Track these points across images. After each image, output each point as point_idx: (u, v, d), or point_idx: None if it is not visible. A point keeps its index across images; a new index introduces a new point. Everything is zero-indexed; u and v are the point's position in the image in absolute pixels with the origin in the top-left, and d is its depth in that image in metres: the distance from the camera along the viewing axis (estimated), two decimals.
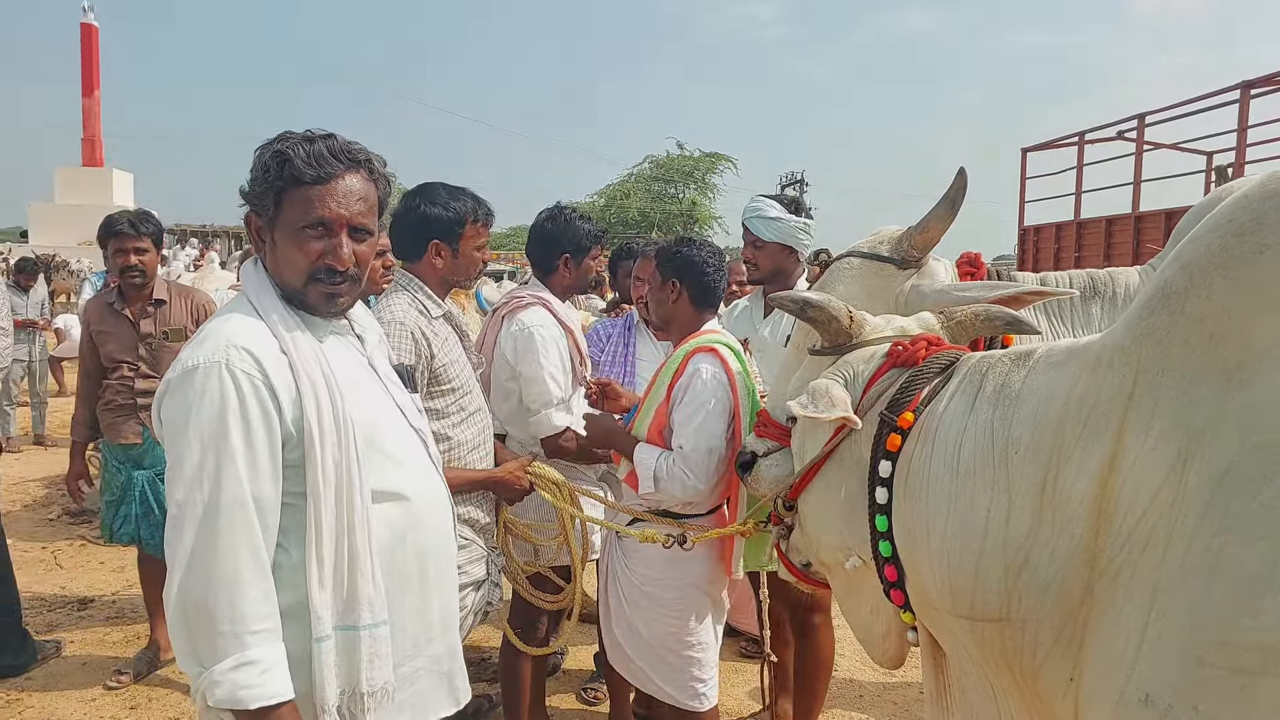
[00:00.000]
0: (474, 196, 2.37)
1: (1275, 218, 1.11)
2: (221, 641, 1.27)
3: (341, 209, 1.43)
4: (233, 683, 1.27)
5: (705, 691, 2.41)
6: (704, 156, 33.73)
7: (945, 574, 1.39)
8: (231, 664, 1.27)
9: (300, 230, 1.42)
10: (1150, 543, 1.15)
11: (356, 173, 1.46)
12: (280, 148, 1.41)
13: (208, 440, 1.30)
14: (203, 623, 1.28)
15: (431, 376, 2.21)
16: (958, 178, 1.97)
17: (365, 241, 1.49)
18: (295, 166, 1.40)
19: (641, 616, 2.41)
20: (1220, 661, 1.04)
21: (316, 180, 1.41)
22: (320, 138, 1.44)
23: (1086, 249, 9.51)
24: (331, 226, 1.43)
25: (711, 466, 2.23)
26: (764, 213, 2.88)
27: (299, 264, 1.43)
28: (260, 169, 1.42)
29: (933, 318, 1.72)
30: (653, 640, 2.40)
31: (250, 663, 1.28)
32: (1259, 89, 8.13)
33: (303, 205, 1.41)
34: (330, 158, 1.42)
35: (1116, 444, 1.21)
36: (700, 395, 2.24)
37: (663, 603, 2.37)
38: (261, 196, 1.43)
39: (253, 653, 1.28)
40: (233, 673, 1.27)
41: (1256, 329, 1.09)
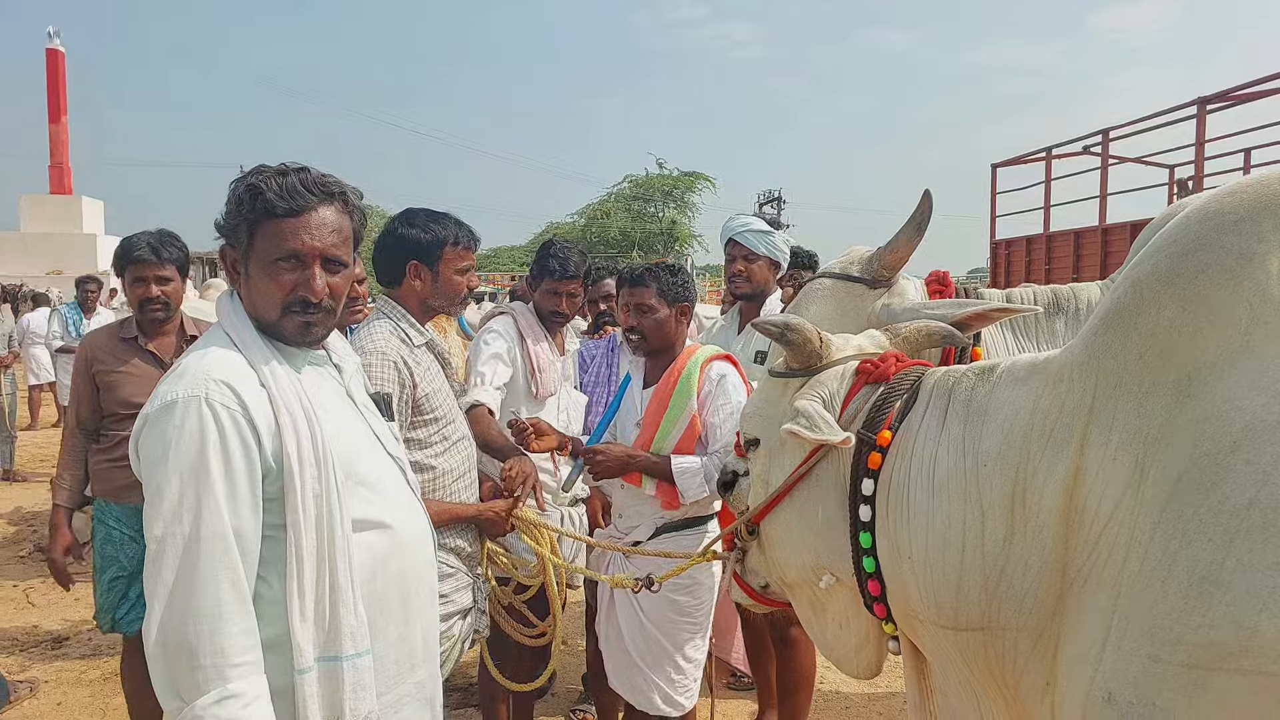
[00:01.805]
0: (456, 221, 2.36)
1: (1214, 238, 1.18)
2: (202, 675, 1.27)
3: (315, 241, 1.44)
4: (215, 717, 1.26)
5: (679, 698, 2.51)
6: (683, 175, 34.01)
7: (929, 586, 1.43)
8: (214, 698, 1.27)
9: (273, 263, 1.43)
10: (1113, 550, 1.20)
11: (330, 205, 1.47)
12: (253, 181, 1.42)
13: (187, 474, 1.30)
14: (183, 657, 1.27)
15: (414, 406, 2.19)
16: (923, 200, 2.05)
17: (339, 273, 1.50)
18: (268, 199, 1.41)
19: (639, 623, 2.47)
20: (1175, 659, 1.09)
21: (289, 213, 1.42)
22: (293, 170, 1.45)
23: (1056, 262, 9.71)
24: (304, 259, 1.44)
25: None
26: (756, 226, 2.96)
27: (273, 296, 1.44)
28: (234, 202, 1.44)
29: (881, 335, 1.78)
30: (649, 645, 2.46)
31: (232, 696, 1.27)
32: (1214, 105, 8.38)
33: (275, 238, 1.43)
34: (303, 190, 1.43)
35: (1079, 456, 1.26)
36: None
37: (684, 610, 2.47)
38: (235, 229, 1.45)
39: (234, 686, 1.28)
40: (215, 707, 1.26)
41: (1203, 343, 1.16)
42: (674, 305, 2.49)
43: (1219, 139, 8.69)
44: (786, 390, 1.74)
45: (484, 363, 2.77)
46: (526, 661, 2.90)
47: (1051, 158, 10.49)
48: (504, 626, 2.52)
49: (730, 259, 3.01)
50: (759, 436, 1.79)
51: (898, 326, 1.80)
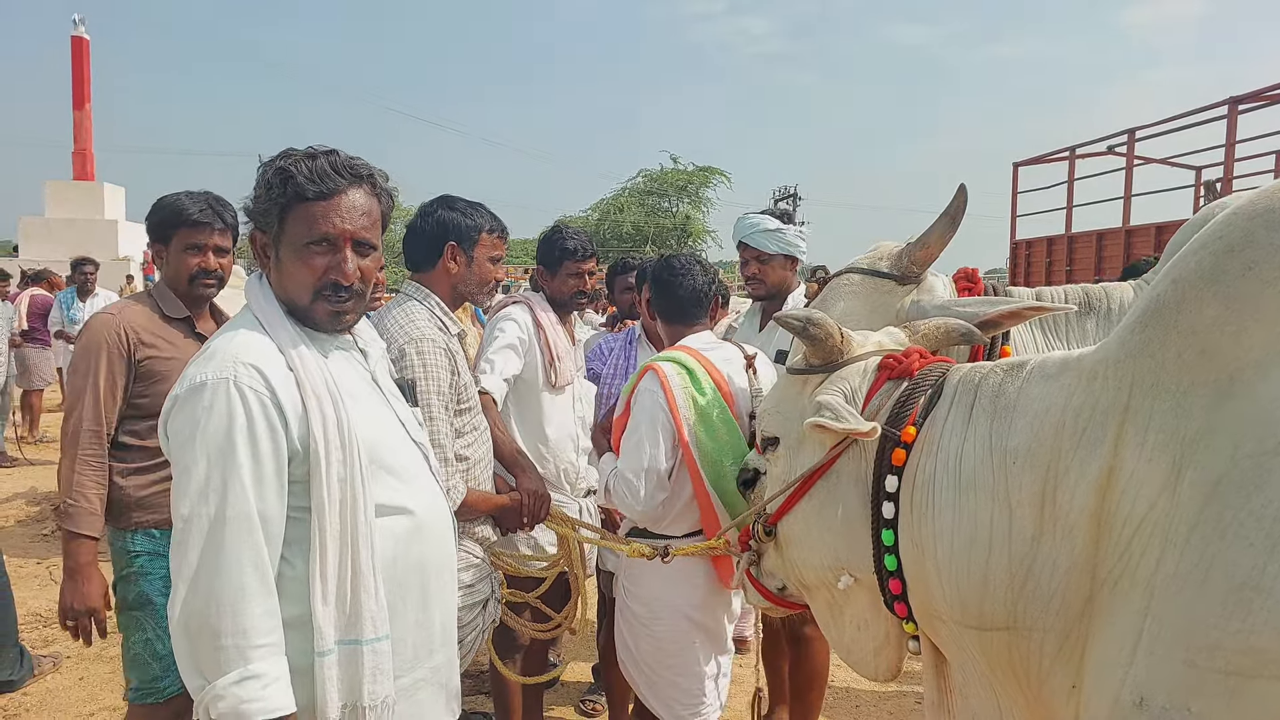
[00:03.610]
0: (491, 212, 2.40)
1: (1264, 235, 1.15)
2: (224, 655, 1.29)
3: (345, 224, 1.45)
4: (235, 696, 1.28)
5: (690, 717, 2.37)
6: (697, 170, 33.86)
7: (953, 585, 1.41)
8: (235, 678, 1.28)
9: (305, 246, 1.44)
10: (1146, 552, 1.18)
11: (359, 188, 1.47)
12: (283, 164, 1.43)
13: (214, 456, 1.32)
14: (206, 636, 1.29)
15: (456, 395, 2.20)
16: (958, 194, 2.00)
17: (369, 256, 1.50)
18: (298, 183, 1.41)
19: (629, 630, 2.43)
20: (1212, 664, 1.07)
21: (320, 196, 1.42)
22: (323, 153, 1.45)
23: (1078, 263, 9.59)
24: (336, 242, 1.44)
25: (647, 486, 2.21)
26: (765, 225, 2.89)
27: (304, 280, 1.45)
28: (263, 186, 1.44)
29: (900, 332, 1.75)
30: (638, 655, 2.42)
31: (253, 676, 1.29)
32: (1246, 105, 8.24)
33: (307, 221, 1.43)
34: (333, 173, 1.44)
35: (1113, 456, 1.24)
36: (636, 415, 2.27)
37: (641, 619, 2.39)
38: (265, 213, 1.45)
39: (255, 666, 1.30)
40: (235, 686, 1.28)
41: (1246, 342, 1.13)
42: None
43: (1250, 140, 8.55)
44: (806, 387, 1.71)
45: (496, 350, 2.71)
46: (535, 651, 2.91)
47: (1075, 157, 10.37)
48: (509, 623, 2.51)
49: (744, 261, 2.98)
50: (778, 435, 1.77)
51: (916, 324, 1.77)
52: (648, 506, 2.25)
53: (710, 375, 2.29)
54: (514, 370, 2.72)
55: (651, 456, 2.22)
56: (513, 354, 2.73)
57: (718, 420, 2.25)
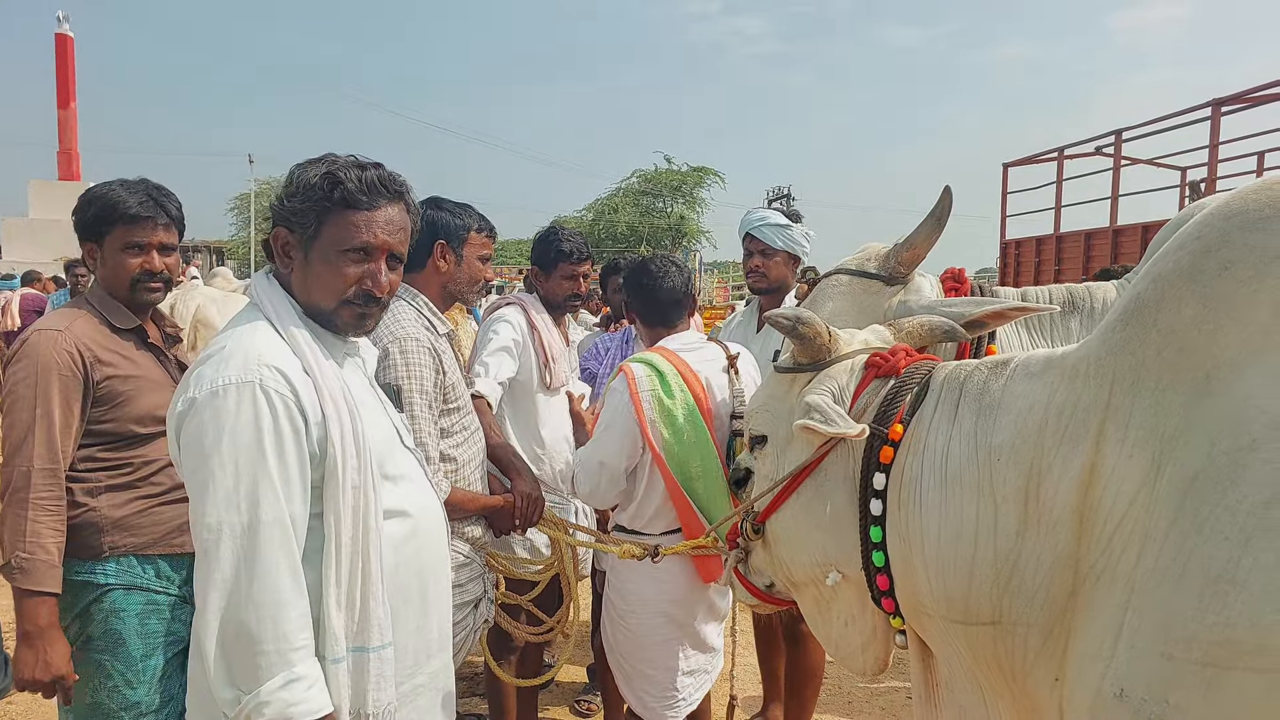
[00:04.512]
0: (479, 213, 2.43)
1: (1239, 235, 1.17)
2: (266, 661, 1.28)
3: (385, 236, 1.48)
4: (283, 700, 1.28)
5: (661, 709, 2.40)
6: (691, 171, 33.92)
7: (940, 580, 1.43)
8: (280, 682, 1.28)
9: (341, 253, 1.45)
10: (1127, 547, 1.20)
11: (398, 204, 1.51)
12: (332, 170, 1.45)
13: (243, 461, 1.30)
14: (243, 645, 1.28)
15: (443, 395, 2.20)
16: (943, 196, 2.04)
17: (397, 270, 1.55)
18: (348, 190, 1.44)
19: (609, 621, 2.48)
20: (1189, 656, 1.09)
21: (367, 206, 1.46)
22: (371, 166, 1.49)
23: (1066, 263, 9.67)
24: (373, 253, 1.48)
25: (599, 479, 2.32)
26: (773, 220, 2.90)
27: (335, 286, 1.46)
28: (304, 187, 1.45)
29: (885, 330, 1.78)
30: (616, 647, 2.46)
31: (297, 679, 1.30)
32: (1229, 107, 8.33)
33: (348, 229, 1.45)
34: (380, 186, 1.48)
35: (1095, 452, 1.26)
36: (604, 412, 2.35)
37: (620, 612, 2.43)
38: (302, 214, 1.45)
39: (299, 669, 1.30)
40: (281, 691, 1.28)
41: (1222, 341, 1.16)
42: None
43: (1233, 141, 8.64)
44: (794, 385, 1.73)
45: (490, 354, 2.72)
46: (530, 653, 2.92)
47: (1063, 158, 10.45)
48: (504, 625, 2.52)
49: (748, 254, 2.98)
50: (765, 433, 1.78)
51: (901, 322, 1.79)
52: (595, 495, 2.38)
53: (683, 376, 2.31)
54: (508, 374, 2.73)
55: (608, 451, 2.30)
56: (507, 357, 2.74)
57: (684, 422, 2.27)
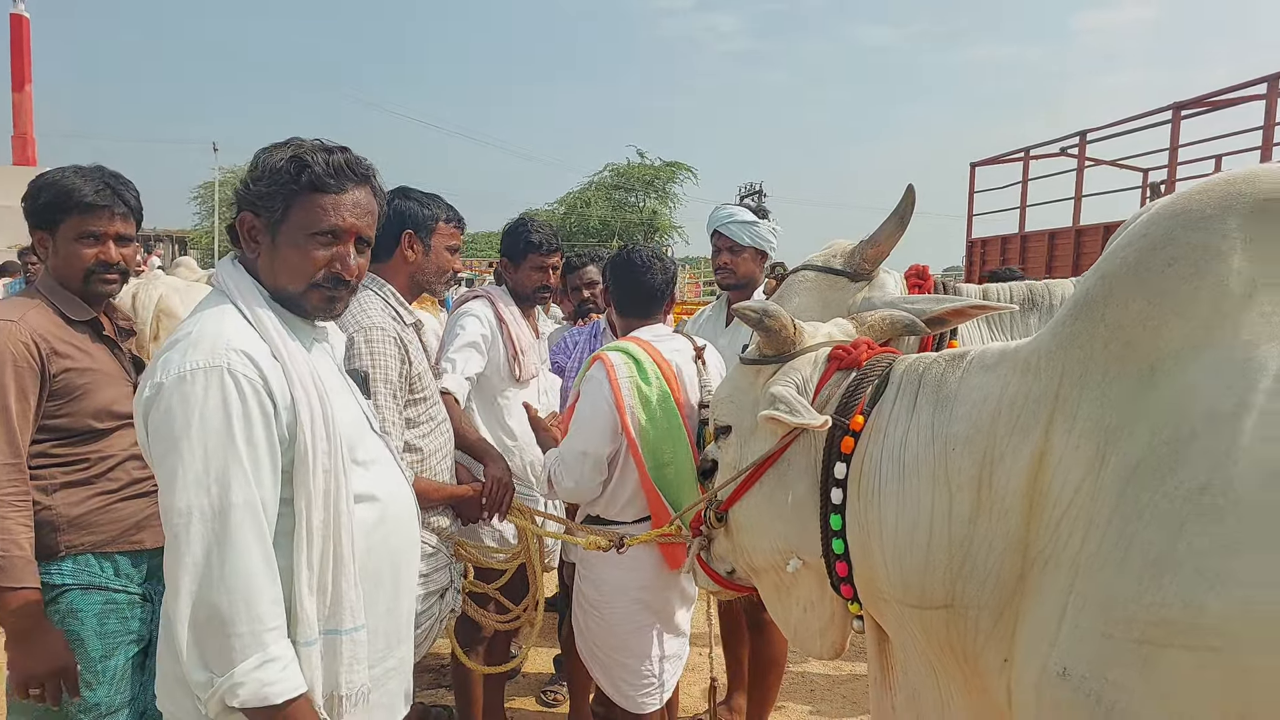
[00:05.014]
0: (447, 203, 2.43)
1: (1182, 234, 1.23)
2: (240, 643, 1.29)
3: (353, 219, 1.49)
4: (258, 681, 1.29)
5: (637, 696, 2.44)
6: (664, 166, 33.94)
7: (897, 566, 1.47)
8: (255, 663, 1.29)
9: (310, 237, 1.46)
10: (1073, 532, 1.25)
11: (364, 187, 1.52)
12: (298, 154, 1.45)
13: (213, 445, 1.31)
14: (215, 628, 1.29)
15: (409, 385, 2.21)
16: (906, 194, 2.09)
17: (365, 253, 1.55)
18: (315, 174, 1.45)
19: (582, 611, 2.50)
20: (1128, 635, 1.14)
21: (335, 190, 1.47)
22: (337, 149, 1.50)
23: (1030, 261, 9.85)
24: (342, 236, 1.48)
25: (584, 469, 2.30)
26: (740, 217, 2.93)
27: (303, 269, 1.47)
28: (270, 171, 1.45)
29: (848, 323, 1.83)
30: (590, 636, 2.48)
31: (272, 660, 1.31)
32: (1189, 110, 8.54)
33: (316, 212, 1.46)
34: (347, 170, 1.49)
35: (1044, 441, 1.31)
36: (582, 402, 2.36)
37: (593, 602, 2.45)
38: (269, 198, 1.45)
39: (273, 650, 1.31)
40: (257, 671, 1.29)
41: (1165, 335, 1.21)
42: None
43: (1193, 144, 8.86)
44: (759, 377, 1.76)
45: (457, 349, 2.72)
46: (498, 642, 2.94)
47: (1029, 158, 10.63)
48: (472, 614, 2.53)
49: (716, 250, 3.02)
50: (730, 423, 1.82)
51: (864, 315, 1.84)
52: (581, 487, 2.34)
53: (657, 365, 2.35)
54: (476, 369, 2.73)
55: (590, 440, 2.30)
56: (474, 352, 2.74)
57: (659, 408, 2.31)
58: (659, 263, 2.48)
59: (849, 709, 3.48)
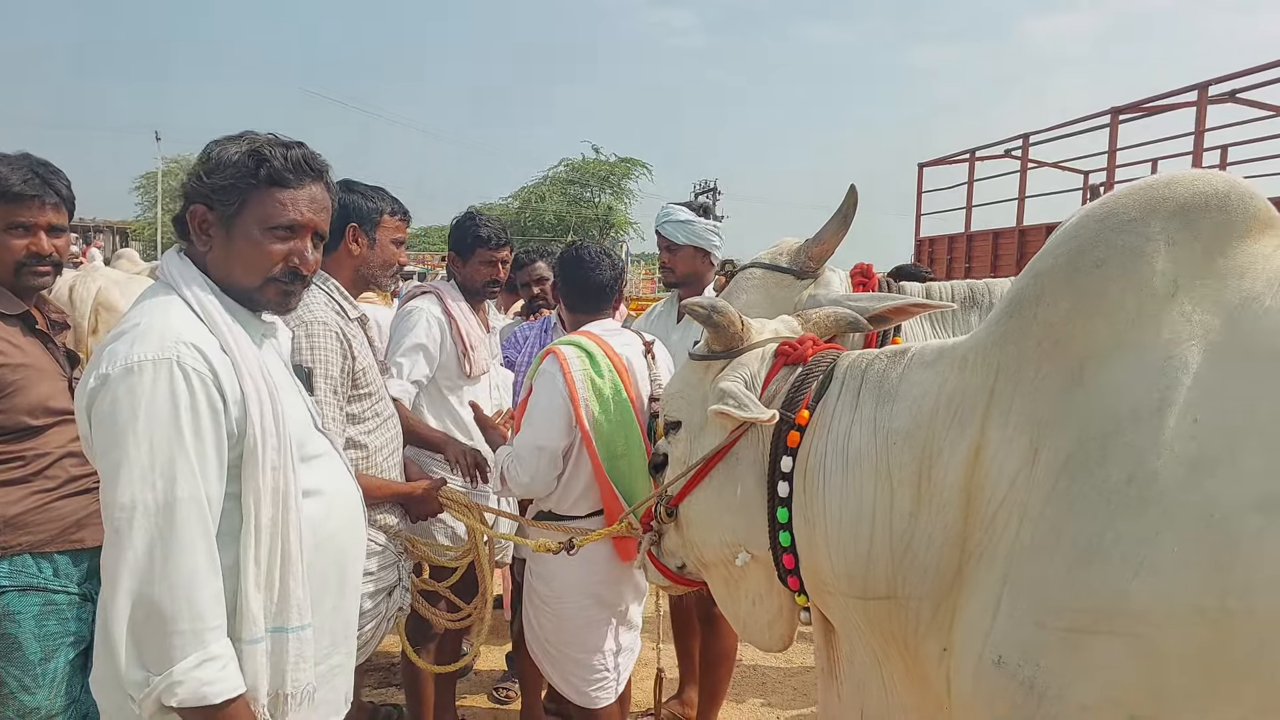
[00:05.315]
0: (393, 196, 2.41)
1: (1110, 236, 1.27)
2: (180, 641, 1.26)
3: (311, 214, 1.49)
4: (197, 680, 1.27)
5: (590, 692, 2.45)
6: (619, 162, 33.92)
7: (841, 558, 1.50)
8: (194, 662, 1.27)
9: (266, 231, 1.45)
10: (1008, 525, 1.29)
11: (319, 182, 1.53)
12: (257, 148, 1.44)
13: (159, 439, 1.28)
14: (156, 625, 1.26)
15: (352, 380, 2.18)
16: (848, 195, 2.14)
17: (319, 248, 1.55)
18: (274, 168, 1.44)
19: (533, 608, 2.49)
20: (1058, 624, 1.19)
21: (293, 185, 1.47)
22: (294, 144, 1.49)
23: (976, 260, 10.10)
24: (299, 231, 1.48)
25: (539, 463, 2.29)
26: (675, 217, 2.98)
27: (260, 264, 1.46)
28: (226, 164, 1.43)
29: (794, 320, 1.86)
30: (542, 633, 2.48)
31: (212, 658, 1.28)
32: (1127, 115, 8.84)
33: (274, 207, 1.45)
34: (305, 165, 1.49)
35: (980, 436, 1.35)
36: (536, 396, 2.35)
37: (544, 598, 2.45)
38: (225, 191, 1.43)
39: (213, 648, 1.29)
40: (196, 670, 1.27)
41: (1093, 334, 1.25)
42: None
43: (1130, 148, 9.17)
44: (708, 373, 1.78)
45: (404, 353, 2.69)
46: (448, 640, 2.91)
47: (975, 159, 10.88)
48: (422, 611, 2.51)
49: (659, 250, 3.08)
50: (680, 419, 1.83)
51: (809, 312, 1.88)
52: (536, 482, 2.33)
53: (609, 358, 2.36)
54: (421, 373, 2.72)
55: (545, 434, 2.29)
56: (421, 356, 2.71)
57: (613, 401, 2.33)
58: (607, 259, 2.49)
59: (800, 701, 3.54)
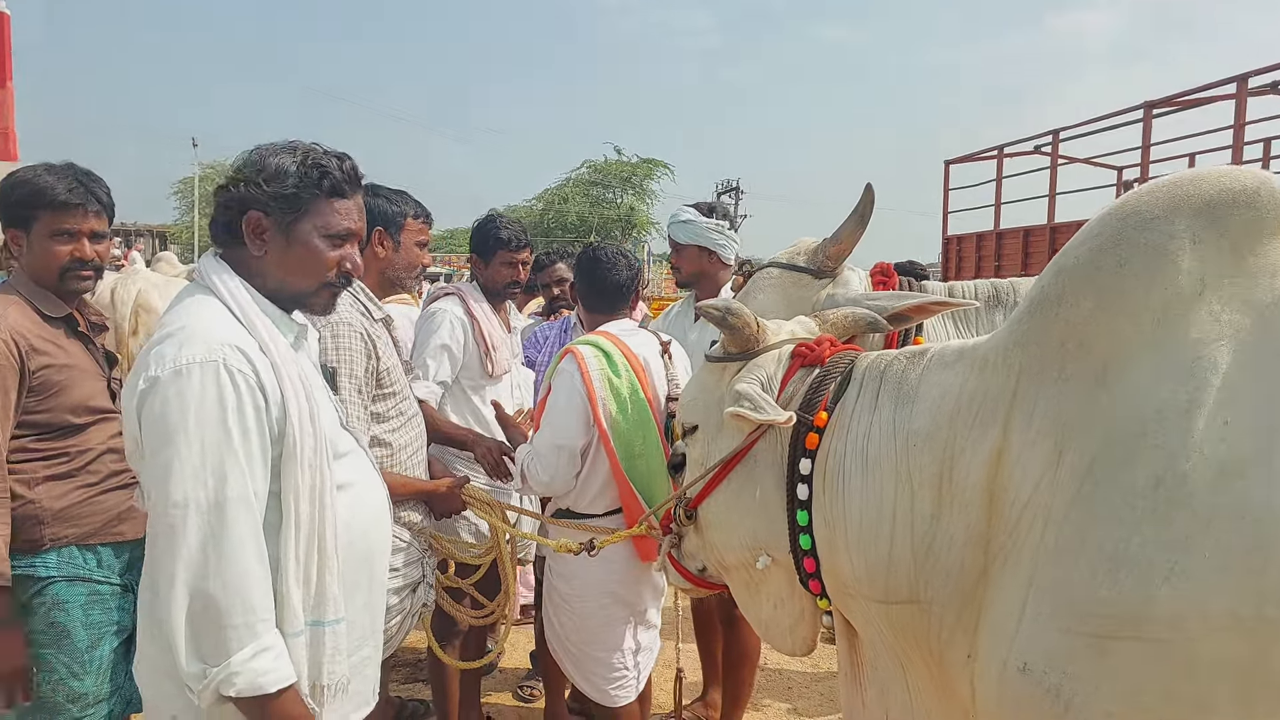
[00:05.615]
0: (415, 199, 2.46)
1: (1133, 234, 1.24)
2: (235, 634, 1.32)
3: (360, 222, 1.60)
4: (253, 670, 1.32)
5: (611, 690, 2.46)
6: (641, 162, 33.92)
7: (861, 561, 1.48)
8: (249, 653, 1.32)
9: (325, 238, 1.53)
10: (1031, 528, 1.26)
11: (360, 193, 1.63)
12: (318, 161, 1.53)
13: (209, 439, 1.33)
14: (212, 618, 1.31)
15: (376, 380, 2.22)
16: (865, 194, 2.11)
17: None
18: (335, 179, 1.53)
19: (553, 606, 2.51)
20: (1084, 629, 1.16)
21: (349, 195, 1.56)
22: (345, 156, 1.58)
23: (1006, 259, 9.95)
24: (349, 238, 1.58)
25: (558, 462, 2.31)
26: (678, 218, 3.02)
27: (317, 269, 1.54)
28: (288, 175, 1.49)
29: (811, 321, 1.84)
30: (563, 631, 2.49)
31: (266, 649, 1.34)
32: (1160, 109, 8.66)
33: (334, 216, 1.54)
34: (355, 176, 1.59)
35: (1003, 439, 1.32)
36: (554, 395, 2.37)
37: (564, 596, 2.47)
38: (286, 200, 1.49)
39: (266, 640, 1.35)
40: (252, 661, 1.32)
41: (1118, 334, 1.23)
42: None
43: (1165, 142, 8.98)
44: (724, 375, 1.77)
45: (428, 354, 2.74)
46: (473, 637, 2.93)
47: (1003, 156, 10.73)
48: (447, 608, 2.54)
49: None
50: (697, 422, 1.82)
51: (826, 313, 1.85)
52: (555, 480, 2.34)
53: (626, 358, 2.37)
54: (446, 375, 2.76)
55: (564, 433, 2.31)
56: (445, 357, 2.76)
57: (630, 401, 2.33)
58: (623, 259, 2.51)
59: (827, 707, 3.50)
